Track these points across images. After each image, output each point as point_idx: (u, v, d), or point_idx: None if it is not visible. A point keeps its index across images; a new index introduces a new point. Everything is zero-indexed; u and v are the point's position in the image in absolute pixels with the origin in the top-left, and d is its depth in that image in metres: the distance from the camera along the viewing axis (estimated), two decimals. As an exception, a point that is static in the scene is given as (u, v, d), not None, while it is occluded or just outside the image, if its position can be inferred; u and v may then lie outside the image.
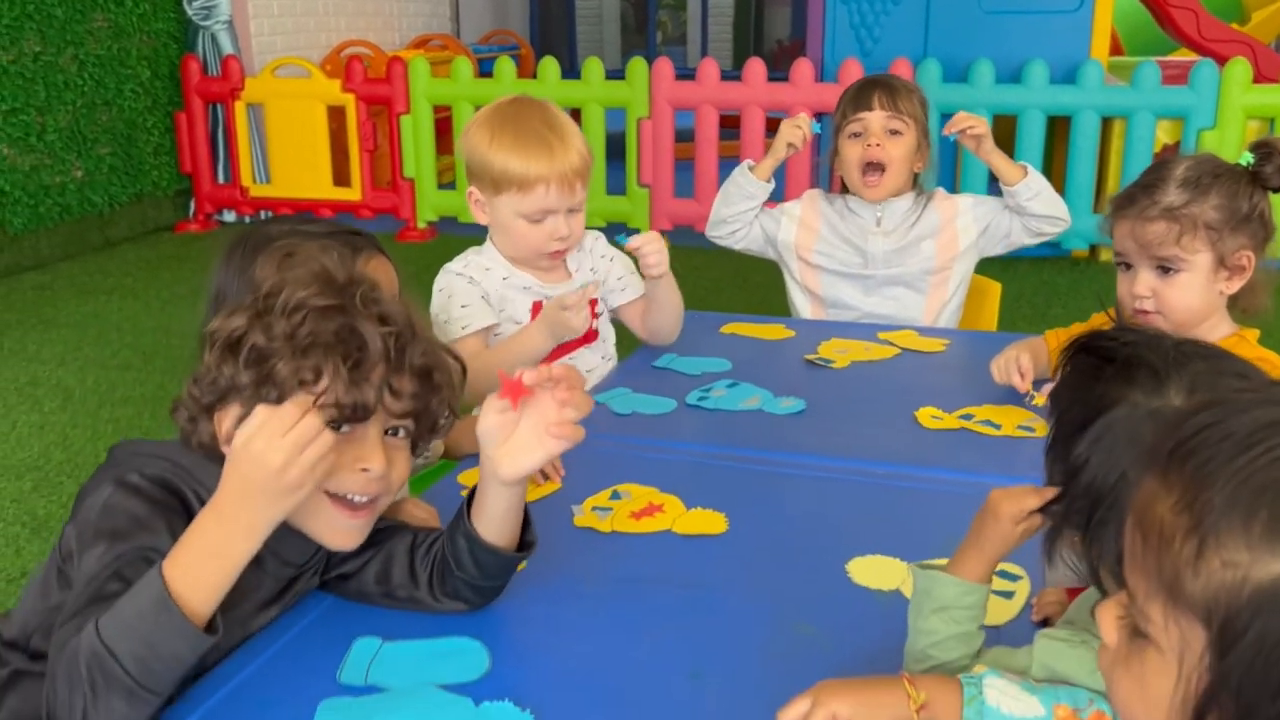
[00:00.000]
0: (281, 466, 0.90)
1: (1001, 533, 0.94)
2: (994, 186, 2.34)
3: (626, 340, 1.97)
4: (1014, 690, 0.86)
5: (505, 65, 5.53)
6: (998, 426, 1.57)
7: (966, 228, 2.26)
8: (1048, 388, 1.01)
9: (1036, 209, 2.18)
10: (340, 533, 1.03)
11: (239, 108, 5.77)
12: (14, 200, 4.90)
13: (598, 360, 1.89)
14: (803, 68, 5.13)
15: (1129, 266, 1.55)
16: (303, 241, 1.31)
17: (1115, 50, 6.82)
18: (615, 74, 5.56)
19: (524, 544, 1.09)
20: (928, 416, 1.61)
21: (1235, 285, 1.51)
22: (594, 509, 1.33)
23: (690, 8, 12.39)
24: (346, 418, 1.00)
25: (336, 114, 5.77)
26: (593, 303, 1.74)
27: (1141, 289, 1.51)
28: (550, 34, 10.15)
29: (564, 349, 1.81)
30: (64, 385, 3.54)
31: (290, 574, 1.08)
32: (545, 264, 1.78)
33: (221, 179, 5.96)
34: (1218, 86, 4.69)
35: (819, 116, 4.91)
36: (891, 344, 1.97)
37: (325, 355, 0.99)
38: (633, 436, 1.56)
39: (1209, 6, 6.55)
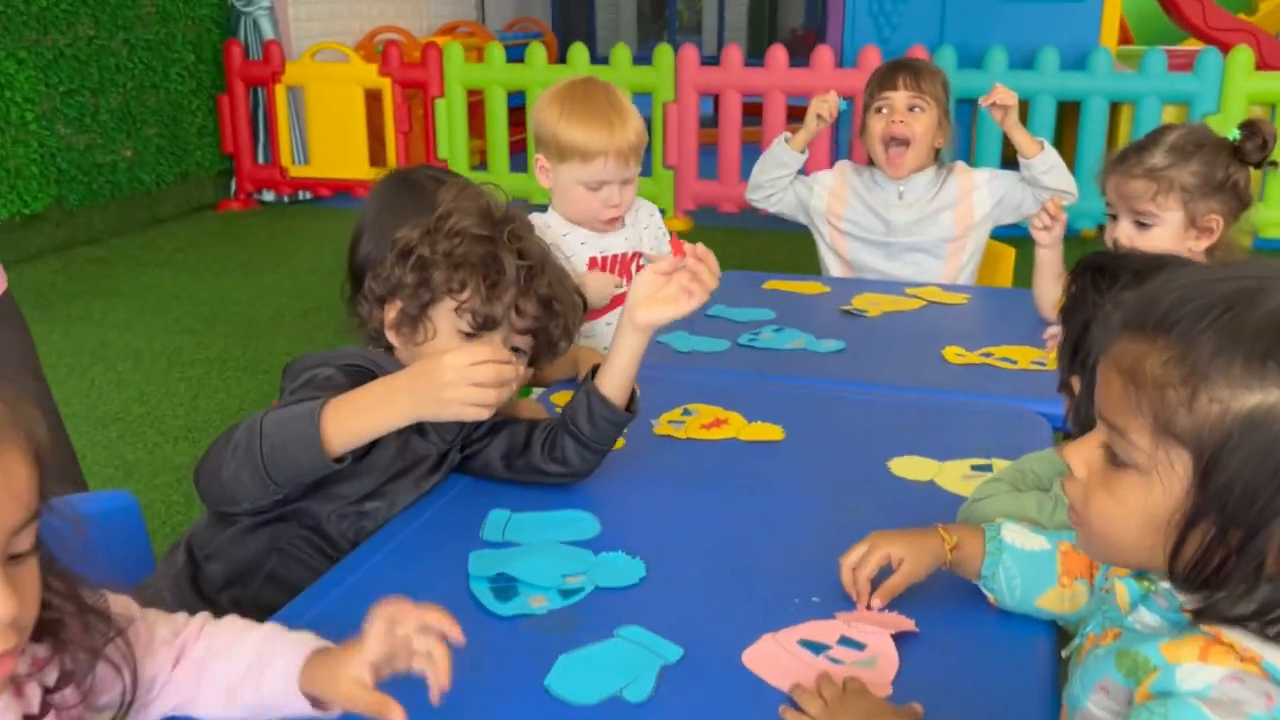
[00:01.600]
0: (449, 383, 1.11)
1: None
2: (1006, 161, 2.55)
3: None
4: (1025, 532, 1.09)
5: (536, 51, 5.75)
6: (1014, 361, 1.80)
7: (982, 200, 2.48)
8: (1053, 329, 1.24)
9: (1049, 182, 2.39)
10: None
11: (279, 91, 6.00)
12: (70, 178, 5.14)
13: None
14: (823, 54, 5.34)
15: (1115, 217, 1.79)
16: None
17: (1125, 39, 7.03)
18: (637, 60, 5.77)
19: (630, 408, 1.32)
20: (953, 354, 1.84)
21: (1203, 244, 1.75)
22: (669, 422, 1.56)
23: (706, -4, 12.58)
24: (479, 325, 1.23)
25: (373, 97, 6.00)
26: (636, 266, 1.98)
27: (1120, 236, 1.75)
28: (571, 21, 10.36)
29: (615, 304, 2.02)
30: (133, 348, 3.78)
31: (444, 448, 1.32)
32: (600, 228, 1.99)
33: (261, 159, 6.19)
34: (1222, 73, 4.90)
35: (847, 98, 5.15)
36: (918, 297, 2.20)
37: (470, 273, 1.22)
38: (695, 368, 1.79)
39: (1218, -3, 6.74)
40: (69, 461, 1.70)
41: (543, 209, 2.01)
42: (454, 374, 1.11)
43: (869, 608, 1.08)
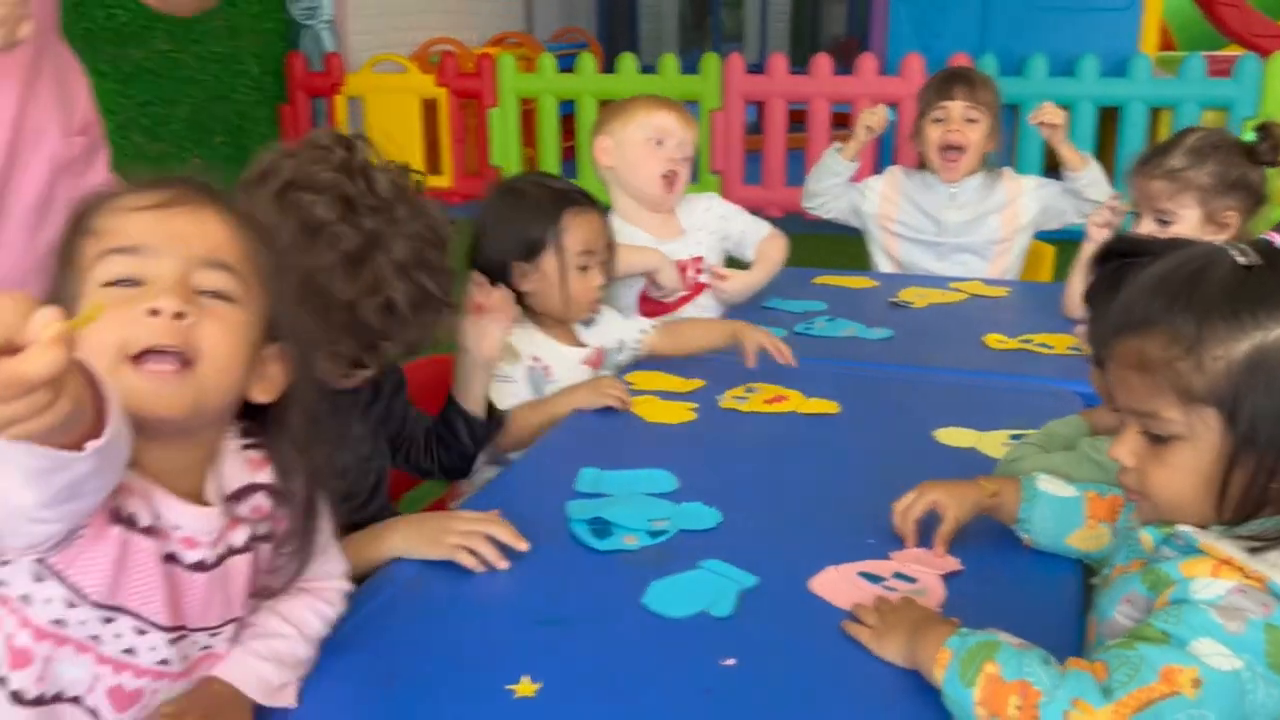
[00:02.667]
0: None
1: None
2: (1048, 166, 2.69)
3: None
4: (1057, 482, 1.25)
5: (587, 61, 5.94)
6: (1050, 347, 1.95)
7: (1028, 206, 2.62)
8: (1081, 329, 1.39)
9: (1091, 195, 2.52)
10: None
11: (339, 101, 6.23)
12: (145, 185, 5.40)
13: (703, 310, 2.27)
14: (867, 62, 5.49)
15: (1140, 215, 1.93)
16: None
17: (1167, 45, 7.11)
18: (684, 69, 5.94)
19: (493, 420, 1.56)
20: (994, 340, 1.99)
21: (1221, 239, 1.89)
22: (734, 398, 1.73)
23: (747, 5, 12.73)
24: None
25: (428, 106, 6.22)
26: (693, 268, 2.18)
27: (1144, 234, 1.89)
28: (615, 30, 10.56)
29: (667, 307, 2.19)
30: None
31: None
32: (658, 192, 2.15)
33: (322, 167, 6.42)
34: (1260, 79, 4.99)
35: (891, 105, 5.29)
36: (960, 290, 2.35)
37: None
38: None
39: (1259, 1, 6.81)
40: None
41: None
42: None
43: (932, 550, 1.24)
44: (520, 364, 1.75)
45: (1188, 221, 1.88)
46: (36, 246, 1.32)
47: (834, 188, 2.70)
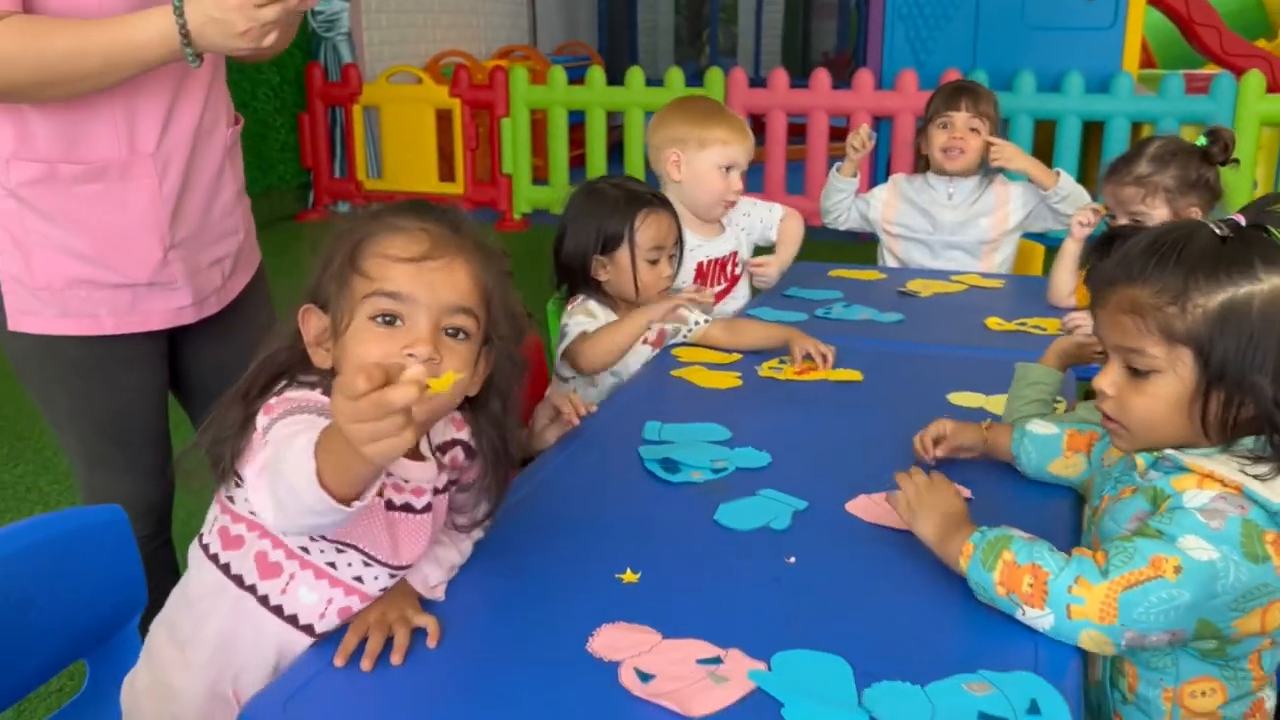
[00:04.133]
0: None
1: (1065, 345, 1.59)
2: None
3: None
4: (1042, 423, 1.50)
5: (596, 74, 6.20)
6: (1044, 329, 2.21)
7: (1016, 210, 2.88)
8: (1073, 315, 1.64)
9: (1065, 209, 2.77)
10: None
11: (356, 110, 6.48)
12: (172, 188, 5.63)
13: (738, 300, 2.53)
14: (863, 77, 5.76)
15: (1115, 218, 2.20)
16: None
17: (1149, 63, 7.41)
18: (689, 83, 6.20)
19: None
20: (994, 323, 2.25)
21: None
22: (769, 369, 1.98)
23: (742, 22, 13.04)
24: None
25: (442, 116, 6.47)
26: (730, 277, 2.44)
27: None
28: (615, 45, 10.84)
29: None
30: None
31: None
32: (719, 213, 2.41)
33: (338, 174, 6.67)
34: (1235, 96, 5.29)
35: (876, 122, 5.58)
36: (961, 282, 2.61)
37: None
38: (782, 333, 2.21)
39: (1237, 22, 7.13)
40: None
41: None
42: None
43: (933, 460, 1.53)
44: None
45: (1157, 220, 2.14)
46: (209, 213, 1.65)
47: (842, 202, 2.96)
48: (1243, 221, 1.19)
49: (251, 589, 1.16)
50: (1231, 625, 1.11)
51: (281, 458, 0.99)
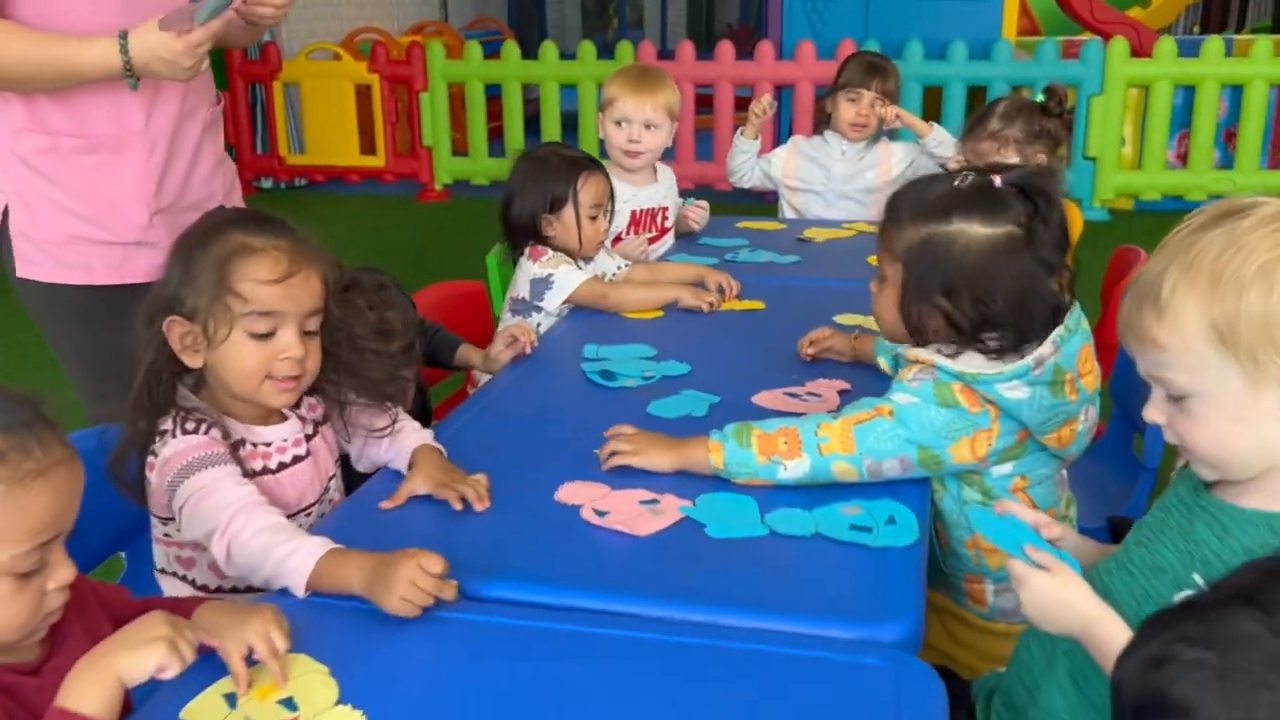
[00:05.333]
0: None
1: None
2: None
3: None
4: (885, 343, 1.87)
5: (511, 48, 6.46)
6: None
7: (898, 163, 3.27)
8: None
9: (940, 152, 3.17)
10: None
11: (277, 87, 6.64)
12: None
13: (664, 246, 2.86)
14: (765, 48, 6.12)
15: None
16: None
17: (1034, 30, 7.91)
18: (600, 56, 6.50)
19: None
20: (874, 259, 2.61)
21: None
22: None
23: (648, -4, 13.36)
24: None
25: (361, 91, 6.66)
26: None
27: None
28: (524, 20, 11.06)
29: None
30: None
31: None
32: (625, 163, 2.73)
33: (260, 150, 6.83)
34: (1103, 59, 5.77)
35: (778, 90, 5.94)
36: (850, 229, 2.98)
37: None
38: (696, 274, 2.55)
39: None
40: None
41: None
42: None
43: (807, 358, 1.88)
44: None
45: None
46: (190, 181, 1.90)
47: (746, 163, 3.31)
48: (997, 181, 1.45)
49: (218, 590, 1.46)
50: (947, 451, 1.44)
51: (258, 555, 1.23)
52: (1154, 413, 1.09)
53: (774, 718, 1.02)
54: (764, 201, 5.46)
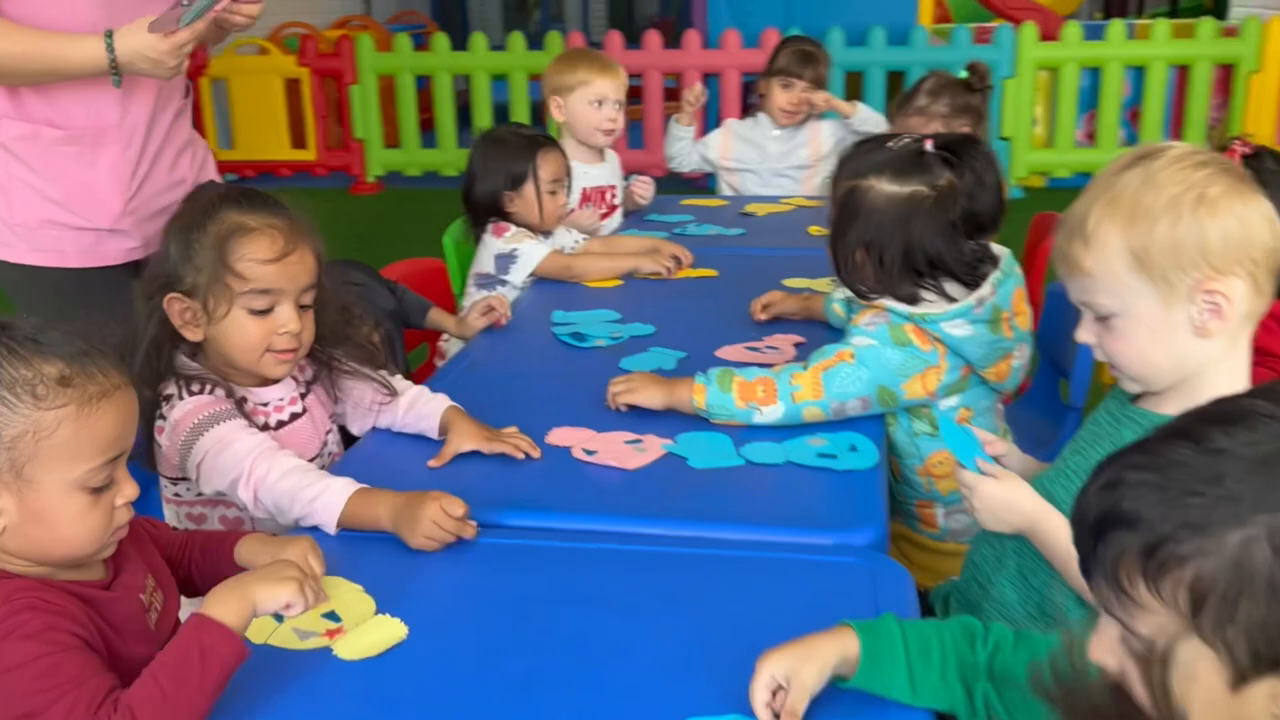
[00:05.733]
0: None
1: None
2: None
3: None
4: (844, 292, 2.02)
5: (440, 40, 6.52)
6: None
7: (826, 140, 3.44)
8: None
9: (866, 129, 3.34)
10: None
11: (204, 83, 6.61)
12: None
13: (611, 225, 2.99)
14: (691, 38, 6.27)
15: None
16: None
17: (945, 18, 8.18)
18: (531, 47, 6.59)
19: None
20: (815, 230, 2.78)
21: None
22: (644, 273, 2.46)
23: (569, -13, 13.44)
24: None
25: (290, 85, 6.67)
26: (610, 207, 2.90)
27: None
28: (447, 13, 11.08)
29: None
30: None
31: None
32: (600, 140, 2.84)
33: (189, 146, 6.79)
34: (1014, 43, 6.03)
35: (706, 78, 6.09)
36: (789, 204, 3.14)
37: None
38: (648, 247, 2.69)
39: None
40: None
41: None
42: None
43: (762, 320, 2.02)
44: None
45: None
46: (156, 167, 1.94)
47: (683, 149, 3.46)
48: (928, 146, 1.61)
49: None
50: (901, 388, 1.60)
51: (287, 497, 1.34)
52: (1085, 333, 1.23)
53: (767, 612, 1.16)
54: (694, 186, 5.61)
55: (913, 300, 1.60)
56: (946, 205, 1.56)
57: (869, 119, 3.37)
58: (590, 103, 2.82)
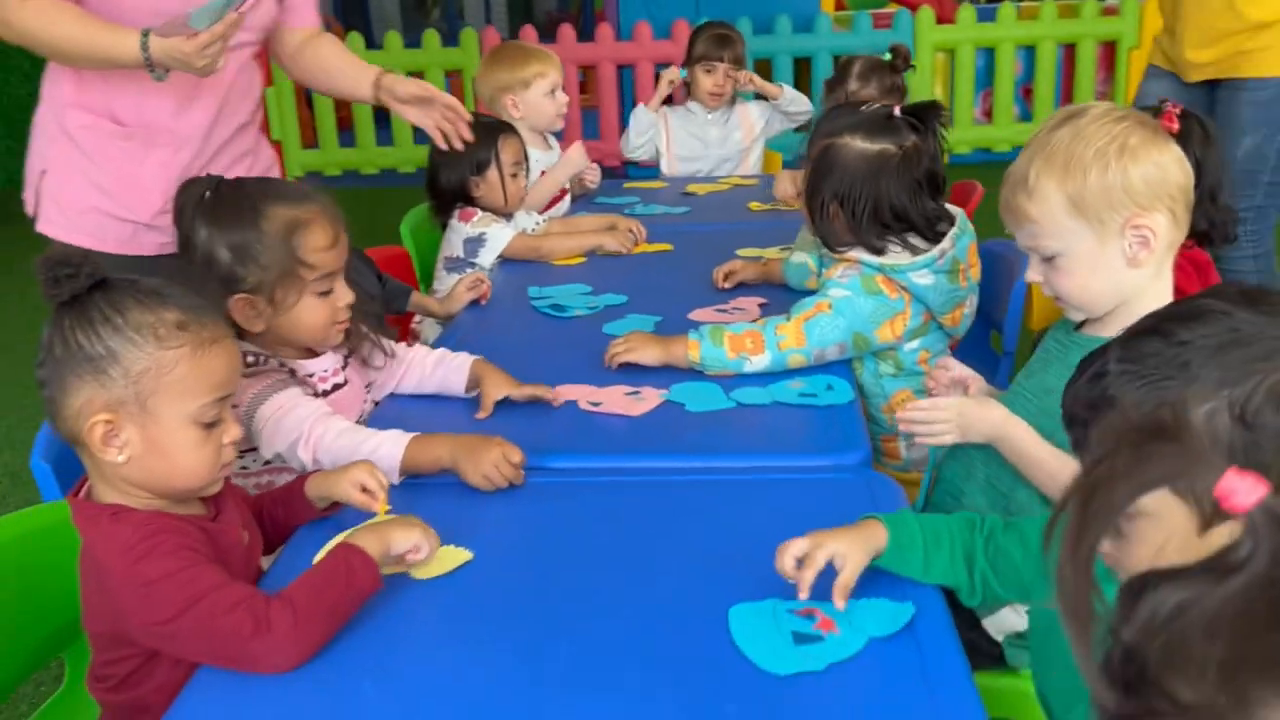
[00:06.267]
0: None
1: None
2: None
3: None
4: (801, 255, 2.22)
5: (355, 39, 6.56)
6: (791, 207, 2.95)
7: (757, 121, 3.64)
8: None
9: (792, 109, 3.57)
10: None
11: (115, 89, 6.56)
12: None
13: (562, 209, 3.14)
14: (604, 30, 6.44)
15: None
16: None
17: (841, 5, 8.47)
18: (446, 43, 6.68)
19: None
20: (755, 206, 2.97)
21: None
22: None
23: (467, -16, 13.46)
24: None
25: (204, 90, 6.63)
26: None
27: None
28: (349, 10, 11.04)
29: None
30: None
31: None
32: (559, 126, 2.98)
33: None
34: (912, 28, 6.32)
35: (619, 70, 6.25)
36: (726, 183, 3.33)
37: None
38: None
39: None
40: None
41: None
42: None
43: (725, 288, 2.20)
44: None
45: None
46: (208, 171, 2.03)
47: (647, 134, 3.60)
48: (896, 110, 1.82)
49: None
50: (874, 334, 1.80)
51: (346, 452, 1.45)
52: (1033, 274, 1.42)
53: (783, 519, 1.33)
54: (615, 175, 5.78)
55: (880, 252, 1.79)
56: (912, 164, 1.75)
57: (795, 99, 3.57)
58: (546, 93, 2.96)
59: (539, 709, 1.01)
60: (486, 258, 2.53)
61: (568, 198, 3.16)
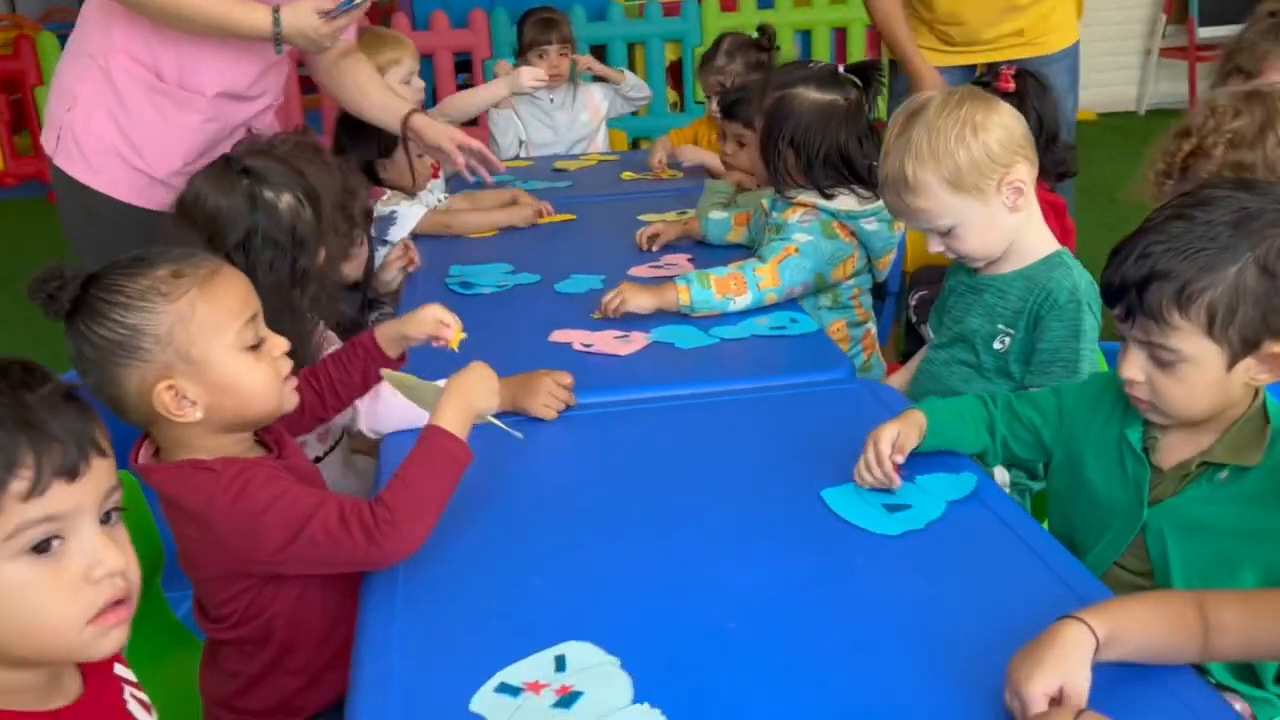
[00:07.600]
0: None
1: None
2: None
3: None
4: (719, 212, 2.40)
5: (134, 35, 6.26)
6: (653, 174, 3.14)
7: (601, 103, 3.81)
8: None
9: (633, 94, 3.77)
10: None
11: None
12: None
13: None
14: (400, 20, 6.41)
15: (710, 98, 3.15)
16: None
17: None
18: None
19: None
20: (628, 176, 3.15)
21: None
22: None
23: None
24: None
25: (-37, 92, 6.16)
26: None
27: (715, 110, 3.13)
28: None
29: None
30: None
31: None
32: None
33: None
34: (699, 15, 6.65)
35: (424, 58, 6.24)
36: (589, 159, 3.49)
37: None
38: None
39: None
40: None
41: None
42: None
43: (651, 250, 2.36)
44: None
45: None
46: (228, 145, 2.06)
47: (515, 132, 3.68)
48: (840, 68, 2.06)
49: None
50: (831, 274, 2.03)
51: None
52: (935, 246, 1.63)
53: (809, 424, 1.52)
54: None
55: (829, 197, 2.00)
56: (856, 116, 1.97)
57: (636, 85, 3.77)
58: (403, 80, 3.00)
59: (696, 579, 1.16)
60: (397, 235, 2.58)
61: (442, 175, 3.22)
